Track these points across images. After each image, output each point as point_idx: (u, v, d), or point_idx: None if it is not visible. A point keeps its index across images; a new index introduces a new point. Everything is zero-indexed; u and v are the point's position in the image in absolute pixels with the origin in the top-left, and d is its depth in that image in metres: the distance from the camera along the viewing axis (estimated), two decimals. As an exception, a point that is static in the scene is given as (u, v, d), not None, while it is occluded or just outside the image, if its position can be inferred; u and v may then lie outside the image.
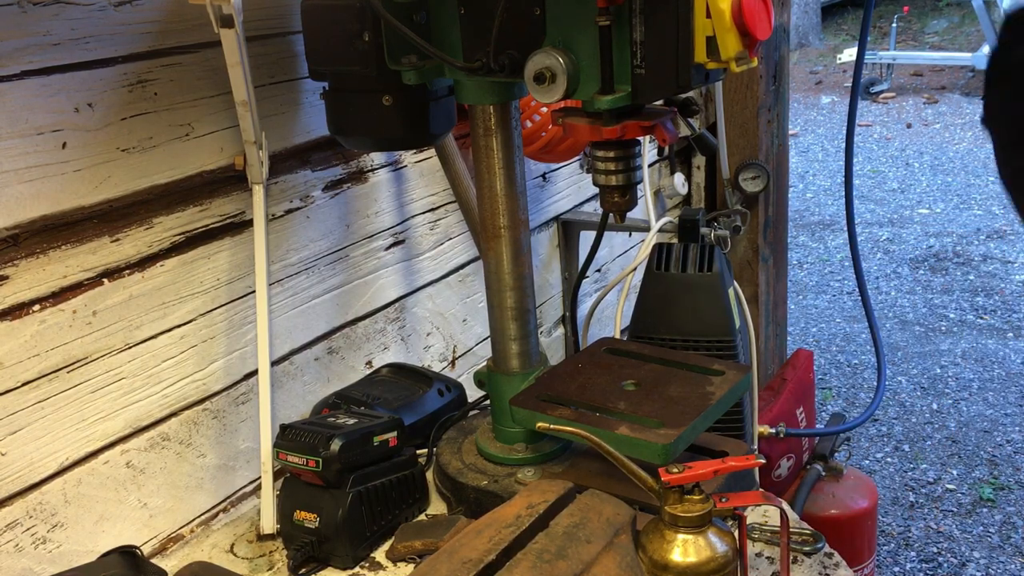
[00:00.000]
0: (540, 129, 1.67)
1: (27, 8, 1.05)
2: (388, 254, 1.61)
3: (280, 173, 1.39)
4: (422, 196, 1.67)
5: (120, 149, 1.17)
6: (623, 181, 1.08)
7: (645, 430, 1.10)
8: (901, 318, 4.54)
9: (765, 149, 2.48)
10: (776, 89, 2.50)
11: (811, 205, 6.17)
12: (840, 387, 3.98)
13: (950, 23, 11.16)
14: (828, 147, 7.42)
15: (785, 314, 2.85)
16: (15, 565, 1.11)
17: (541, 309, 2.07)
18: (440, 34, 1.11)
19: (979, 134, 7.46)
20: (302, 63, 1.36)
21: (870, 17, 2.11)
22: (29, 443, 1.11)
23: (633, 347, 1.37)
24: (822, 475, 2.40)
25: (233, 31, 1.17)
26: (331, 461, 1.15)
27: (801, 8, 10.77)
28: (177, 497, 1.29)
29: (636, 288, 1.81)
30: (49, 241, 1.11)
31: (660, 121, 1.02)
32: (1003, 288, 4.78)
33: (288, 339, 1.44)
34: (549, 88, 0.99)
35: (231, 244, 1.33)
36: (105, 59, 1.14)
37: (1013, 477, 3.30)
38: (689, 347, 1.68)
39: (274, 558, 1.24)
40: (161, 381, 1.26)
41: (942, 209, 5.93)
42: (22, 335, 1.09)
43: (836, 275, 5.09)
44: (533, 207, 1.95)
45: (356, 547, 1.18)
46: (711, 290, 1.70)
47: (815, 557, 1.16)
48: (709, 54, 0.92)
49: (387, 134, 1.23)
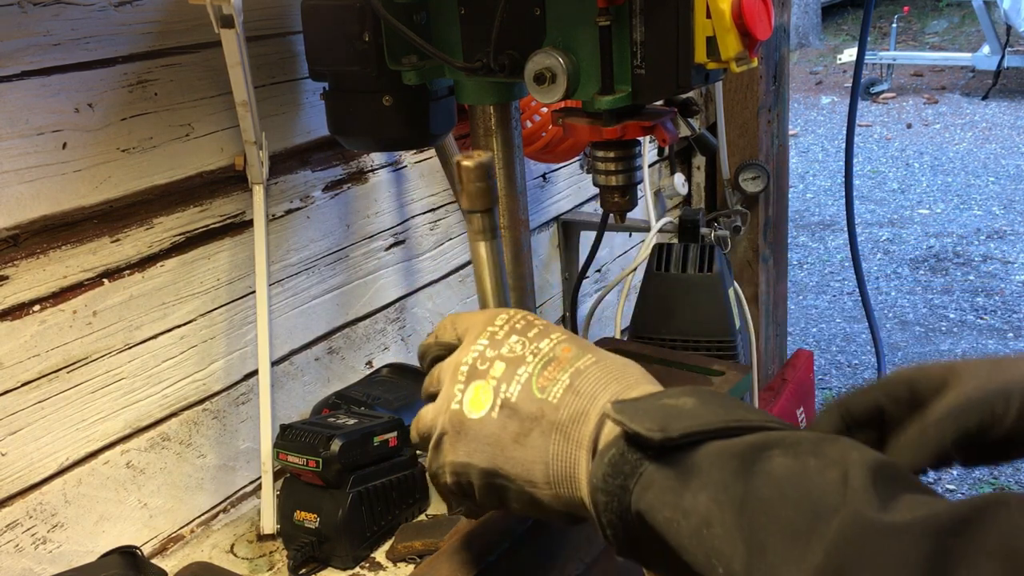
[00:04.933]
0: (540, 129, 1.67)
1: (27, 8, 1.05)
2: (388, 254, 1.61)
3: (280, 173, 1.39)
4: (422, 196, 1.67)
5: (120, 149, 1.17)
6: (623, 181, 1.08)
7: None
8: (901, 318, 4.54)
9: (765, 149, 2.48)
10: (776, 89, 2.51)
11: (811, 205, 6.17)
12: (840, 387, 3.98)
13: (950, 23, 11.17)
14: (828, 147, 7.42)
15: (785, 314, 2.85)
16: (15, 565, 1.11)
17: (541, 309, 2.07)
18: (440, 34, 1.11)
19: (979, 134, 7.46)
20: (302, 63, 1.36)
21: (870, 17, 2.11)
22: (29, 443, 1.11)
23: (633, 347, 1.37)
24: (822, 475, 2.39)
25: (233, 31, 1.17)
26: (331, 461, 1.15)
27: (801, 8, 10.77)
28: (177, 497, 1.29)
29: (636, 288, 1.81)
30: (49, 241, 1.11)
31: (660, 121, 1.02)
32: (1003, 288, 4.78)
33: (288, 339, 1.44)
34: (549, 88, 0.99)
35: (231, 244, 1.33)
36: (105, 59, 1.14)
37: (1013, 477, 3.30)
38: (689, 347, 1.68)
39: (274, 558, 1.24)
40: (161, 381, 1.26)
41: (942, 209, 5.93)
42: (22, 335, 1.09)
43: (836, 275, 5.09)
44: (533, 207, 1.95)
45: (356, 547, 1.18)
46: (711, 290, 1.70)
47: (815, 557, 1.16)
48: (709, 54, 0.92)
49: (387, 134, 1.23)
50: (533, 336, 0.68)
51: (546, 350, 0.67)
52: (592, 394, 0.64)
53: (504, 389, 0.66)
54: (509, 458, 0.66)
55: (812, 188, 6.51)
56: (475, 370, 0.68)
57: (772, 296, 2.68)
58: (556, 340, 0.68)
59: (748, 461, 0.54)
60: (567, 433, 0.64)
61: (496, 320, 0.70)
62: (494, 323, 0.70)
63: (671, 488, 0.56)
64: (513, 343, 0.68)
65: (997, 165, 6.69)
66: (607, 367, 0.67)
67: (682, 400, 0.60)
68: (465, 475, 0.69)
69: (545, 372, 0.66)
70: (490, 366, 0.67)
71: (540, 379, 0.65)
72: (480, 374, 0.68)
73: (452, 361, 0.71)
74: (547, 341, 0.68)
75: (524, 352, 0.67)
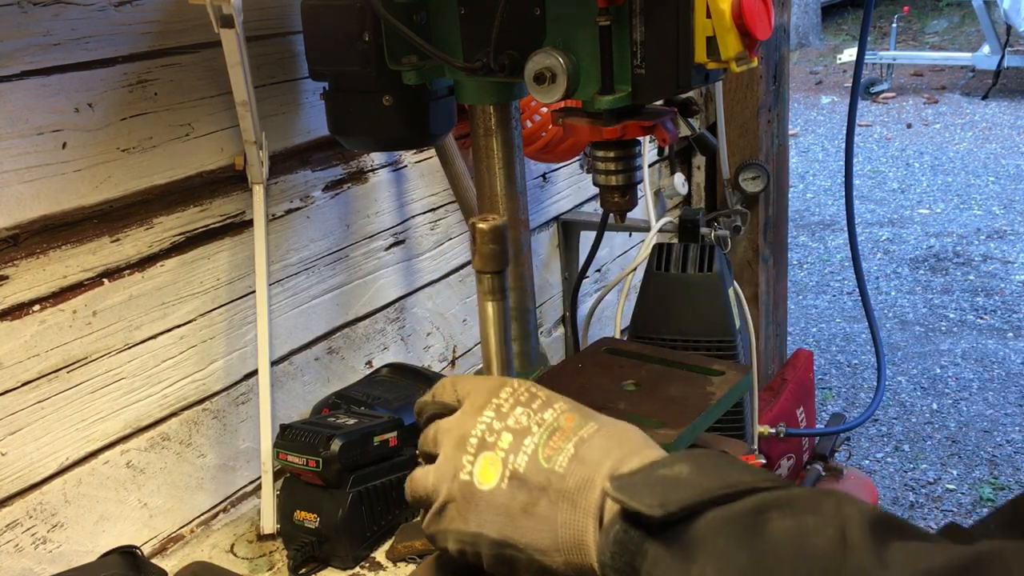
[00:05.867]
0: (540, 129, 1.67)
1: (27, 8, 1.05)
2: (388, 254, 1.61)
3: (280, 173, 1.39)
4: (422, 196, 1.67)
5: (120, 149, 1.17)
6: (623, 181, 1.08)
7: (645, 430, 1.10)
8: (901, 318, 4.54)
9: (765, 149, 2.48)
10: (776, 89, 2.51)
11: (811, 205, 6.17)
12: (840, 387, 3.98)
13: (950, 23, 11.17)
14: (828, 147, 7.42)
15: (785, 314, 2.85)
16: (15, 565, 1.11)
17: (541, 309, 2.07)
18: (440, 34, 1.11)
19: (979, 134, 7.46)
20: (302, 63, 1.36)
21: (870, 17, 2.11)
22: (29, 443, 1.11)
23: (633, 347, 1.37)
24: (822, 475, 2.40)
25: (233, 31, 1.17)
26: (331, 461, 1.15)
27: (801, 8, 10.78)
28: (177, 497, 1.29)
29: (636, 288, 1.81)
30: (49, 241, 1.11)
31: (660, 121, 1.02)
32: (1003, 288, 4.78)
33: (288, 339, 1.44)
34: (549, 88, 0.99)
35: (231, 244, 1.33)
36: (105, 59, 1.14)
37: (1013, 477, 3.30)
38: (689, 347, 1.68)
39: (274, 558, 1.24)
40: (161, 381, 1.26)
41: (942, 209, 5.93)
42: (22, 335, 1.09)
43: (836, 275, 5.09)
44: (533, 207, 1.95)
45: (356, 547, 1.18)
46: (711, 290, 1.70)
47: (815, 557, 1.16)
48: (709, 54, 0.92)
49: (387, 134, 1.23)
50: (537, 407, 0.70)
51: (550, 420, 0.69)
52: (597, 462, 0.66)
53: (512, 460, 0.68)
54: (519, 528, 0.67)
55: (812, 188, 6.51)
56: (484, 442, 0.70)
57: (772, 296, 2.68)
58: (559, 410, 0.70)
59: (748, 527, 0.55)
60: (574, 501, 0.65)
61: (501, 393, 0.72)
62: (499, 395, 0.72)
63: (678, 565, 0.57)
64: (519, 414, 0.70)
65: (997, 165, 6.69)
66: (609, 434, 0.68)
67: (677, 468, 0.62)
68: (474, 545, 0.70)
69: (551, 442, 0.67)
70: (498, 438, 0.69)
71: (546, 449, 0.67)
72: (489, 446, 0.69)
73: (456, 429, 0.72)
74: (551, 411, 0.70)
75: (530, 423, 0.69)
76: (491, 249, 0.73)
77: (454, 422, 0.73)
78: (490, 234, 0.73)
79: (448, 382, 0.77)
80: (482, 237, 0.73)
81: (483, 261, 0.73)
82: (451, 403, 0.75)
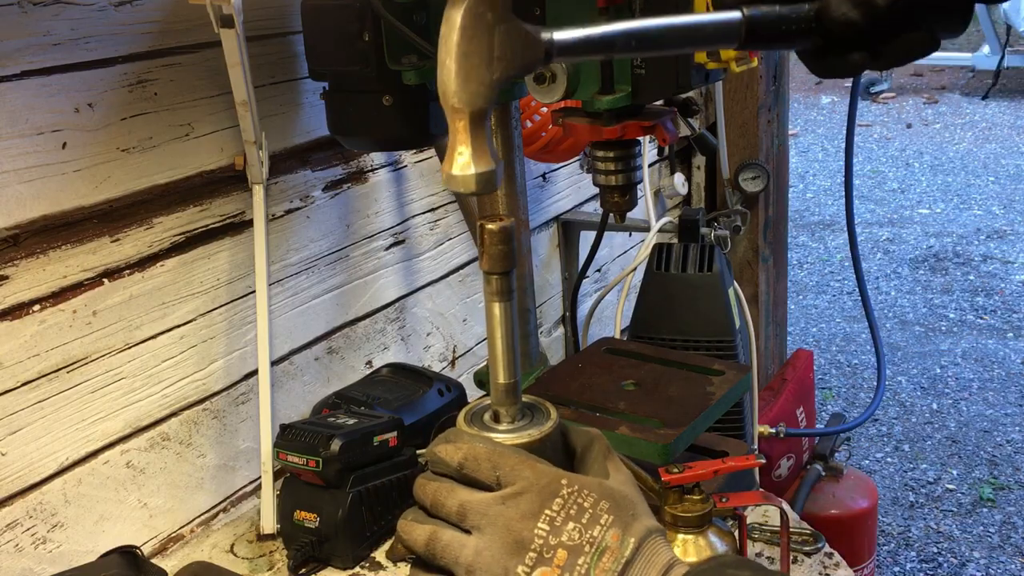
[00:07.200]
0: (540, 129, 1.67)
1: (27, 8, 1.05)
2: (388, 254, 1.61)
3: (280, 173, 1.39)
4: (422, 196, 1.67)
5: (120, 149, 1.17)
6: (623, 181, 1.08)
7: (645, 430, 1.10)
8: (901, 318, 4.54)
9: (765, 149, 2.48)
10: (776, 89, 2.51)
11: (811, 205, 6.17)
12: (840, 387, 3.98)
13: (950, 23, 11.15)
14: (828, 147, 7.42)
15: (785, 314, 2.85)
16: (15, 565, 1.11)
17: (541, 309, 2.07)
18: (440, 34, 1.11)
19: (979, 134, 7.46)
20: (302, 63, 1.36)
21: (870, 17, 2.11)
22: (29, 443, 1.11)
23: (633, 347, 1.37)
24: (822, 475, 2.40)
25: (233, 31, 1.17)
26: (331, 461, 1.15)
27: (801, 8, 10.76)
28: (177, 497, 1.29)
29: (636, 288, 1.81)
30: (49, 241, 1.11)
31: (660, 121, 1.02)
32: (1003, 288, 4.78)
33: (288, 339, 1.44)
34: (549, 88, 0.99)
35: (231, 244, 1.33)
36: (105, 59, 1.14)
37: (1013, 477, 3.30)
38: (689, 347, 1.68)
39: (274, 558, 1.24)
40: (161, 381, 1.26)
41: (942, 209, 5.93)
42: (22, 335, 1.09)
43: (836, 275, 5.09)
44: (533, 207, 1.95)
45: (356, 547, 1.18)
46: (711, 290, 1.70)
47: (815, 557, 1.16)
48: (709, 54, 0.92)
49: (387, 134, 1.23)
50: (587, 522, 0.73)
51: (599, 538, 0.73)
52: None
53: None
54: None
55: (812, 188, 6.51)
56: (542, 557, 0.73)
57: (772, 296, 2.68)
58: (605, 525, 0.73)
59: None
60: None
61: (553, 504, 0.74)
62: (551, 507, 0.74)
63: None
64: (571, 530, 0.73)
65: (997, 165, 6.69)
66: (646, 555, 0.73)
67: None
68: None
69: (600, 562, 0.72)
70: (554, 555, 0.72)
71: (597, 570, 0.72)
72: (546, 561, 0.72)
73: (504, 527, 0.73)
74: (599, 528, 0.73)
75: (582, 541, 0.73)
76: (499, 250, 0.73)
77: (500, 516, 0.74)
78: (499, 235, 0.73)
79: (484, 455, 0.75)
80: (491, 238, 0.73)
81: (491, 262, 0.73)
82: (485, 481, 0.75)
